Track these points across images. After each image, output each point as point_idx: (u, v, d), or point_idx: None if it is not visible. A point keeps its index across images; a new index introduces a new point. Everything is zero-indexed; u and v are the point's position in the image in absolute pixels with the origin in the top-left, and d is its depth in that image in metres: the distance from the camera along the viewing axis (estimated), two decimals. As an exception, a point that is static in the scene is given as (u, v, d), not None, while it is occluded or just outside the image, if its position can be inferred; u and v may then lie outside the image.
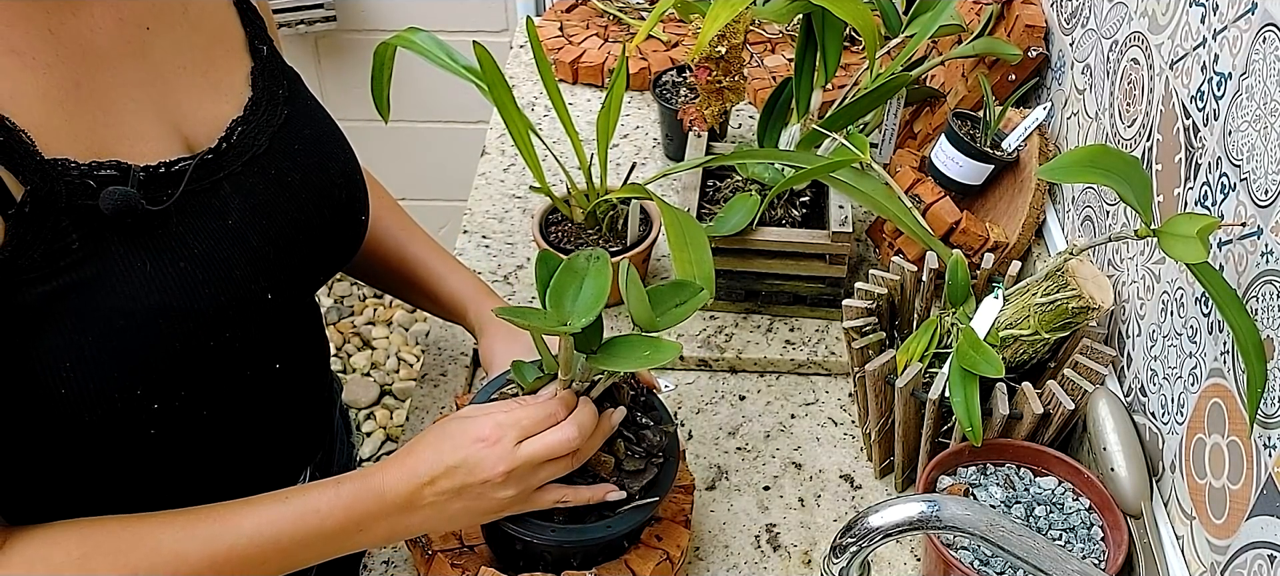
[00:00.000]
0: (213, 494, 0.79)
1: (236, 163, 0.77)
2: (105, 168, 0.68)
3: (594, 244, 1.16)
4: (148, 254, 0.69)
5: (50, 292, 0.65)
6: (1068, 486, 0.92)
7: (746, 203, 1.17)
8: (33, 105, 0.65)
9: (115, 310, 0.67)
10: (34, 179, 0.64)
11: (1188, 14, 0.87)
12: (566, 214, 1.19)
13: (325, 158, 0.86)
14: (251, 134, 0.79)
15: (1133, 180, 0.82)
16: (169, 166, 0.72)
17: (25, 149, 0.64)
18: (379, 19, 2.31)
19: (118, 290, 0.68)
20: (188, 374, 0.73)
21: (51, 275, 0.65)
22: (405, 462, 0.78)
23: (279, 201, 0.80)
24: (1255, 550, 0.71)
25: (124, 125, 0.71)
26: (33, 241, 0.64)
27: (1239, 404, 0.75)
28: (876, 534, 0.68)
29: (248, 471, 0.88)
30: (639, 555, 0.91)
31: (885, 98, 1.22)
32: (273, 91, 0.82)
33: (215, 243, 0.74)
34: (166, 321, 0.70)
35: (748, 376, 1.19)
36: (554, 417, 0.79)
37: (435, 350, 1.19)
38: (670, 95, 1.45)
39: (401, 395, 2.53)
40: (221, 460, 0.84)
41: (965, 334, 0.94)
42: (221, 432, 0.82)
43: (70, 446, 0.73)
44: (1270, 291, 0.73)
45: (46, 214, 0.65)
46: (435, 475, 0.77)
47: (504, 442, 0.77)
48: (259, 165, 0.79)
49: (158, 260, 0.70)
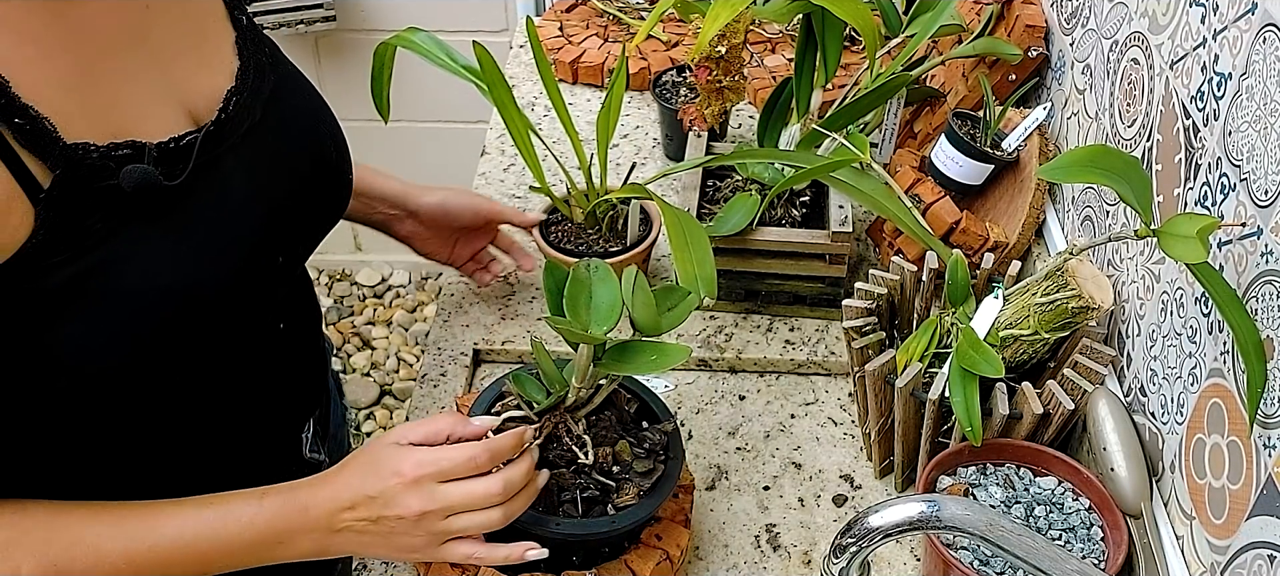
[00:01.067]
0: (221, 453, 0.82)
1: (236, 133, 0.78)
2: (122, 148, 0.69)
3: (594, 243, 1.18)
4: (165, 230, 0.71)
5: (75, 274, 0.67)
6: (1068, 486, 0.92)
7: (746, 203, 1.17)
8: (52, 92, 0.67)
9: (138, 287, 0.70)
10: (61, 164, 0.66)
11: (1188, 14, 0.87)
12: (566, 214, 1.19)
13: (314, 122, 0.88)
14: (246, 103, 0.80)
15: (1133, 180, 0.82)
16: (178, 141, 0.73)
17: (50, 136, 0.66)
18: (379, 19, 2.31)
19: (139, 268, 0.70)
20: (206, 342, 0.75)
21: (76, 257, 0.67)
22: (331, 483, 0.78)
23: (278, 167, 0.82)
24: (1255, 550, 0.71)
25: (134, 105, 0.72)
26: (61, 225, 0.66)
27: (1239, 404, 0.75)
28: (876, 534, 0.68)
29: (255, 429, 0.89)
30: (639, 555, 0.91)
31: (885, 98, 1.22)
32: (258, 60, 0.83)
33: (226, 213, 0.76)
34: (187, 294, 0.72)
35: (748, 376, 1.19)
36: (475, 464, 0.78)
37: (435, 350, 1.19)
38: (670, 95, 1.45)
39: (401, 395, 2.52)
40: (230, 420, 0.86)
41: (965, 334, 0.93)
42: (231, 393, 0.84)
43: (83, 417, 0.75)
44: (1270, 291, 0.73)
45: (72, 198, 0.66)
46: (355, 501, 0.77)
47: (422, 483, 0.76)
48: (257, 134, 0.80)
49: (175, 236, 0.72)
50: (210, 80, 0.79)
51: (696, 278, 0.89)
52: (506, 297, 1.26)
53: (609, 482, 0.89)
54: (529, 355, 1.18)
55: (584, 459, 0.88)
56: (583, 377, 0.85)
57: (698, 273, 0.89)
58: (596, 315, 0.83)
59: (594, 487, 0.88)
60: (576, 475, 0.89)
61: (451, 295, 1.27)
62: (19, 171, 0.64)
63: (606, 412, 0.92)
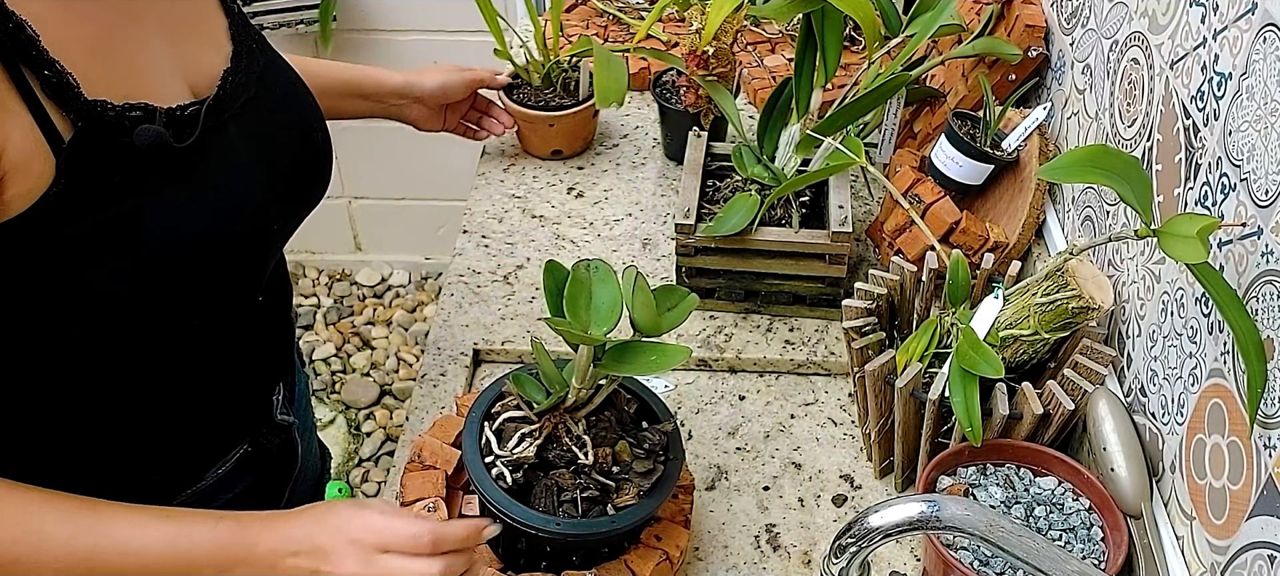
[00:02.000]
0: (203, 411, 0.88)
1: (236, 105, 0.84)
2: (135, 109, 0.74)
3: (551, 101, 1.44)
4: (181, 187, 0.76)
5: (101, 222, 0.72)
6: (1068, 486, 0.92)
7: (746, 202, 1.17)
8: (77, 52, 0.71)
9: (160, 237, 0.75)
10: (82, 118, 0.70)
11: (1188, 14, 0.87)
12: (526, 78, 1.47)
13: (301, 101, 0.94)
14: (242, 82, 0.85)
15: (1133, 180, 0.82)
16: (184, 109, 0.78)
17: (72, 90, 0.70)
18: (379, 19, 2.30)
19: (161, 221, 0.75)
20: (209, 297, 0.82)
21: (98, 208, 0.71)
22: (284, 524, 0.80)
23: (276, 138, 0.88)
24: (1255, 550, 0.71)
25: (147, 73, 0.77)
26: (82, 175, 0.70)
27: (1239, 404, 0.75)
28: (876, 534, 0.68)
29: (233, 389, 0.94)
30: (639, 555, 0.91)
31: (885, 98, 1.22)
32: (249, 44, 0.88)
33: (234, 176, 0.82)
34: (205, 245, 0.78)
35: (747, 376, 1.19)
36: (417, 543, 0.78)
37: (435, 350, 1.19)
38: (670, 95, 1.45)
39: (401, 395, 2.52)
40: (210, 379, 0.90)
41: (965, 334, 0.93)
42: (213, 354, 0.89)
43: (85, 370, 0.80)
44: (1270, 291, 0.73)
45: (92, 150, 0.71)
46: (300, 548, 0.78)
47: (361, 545, 0.78)
48: (254, 107, 0.86)
49: (190, 193, 0.77)
50: (209, 59, 0.84)
51: (609, 89, 1.18)
52: (506, 298, 1.26)
53: (609, 483, 0.89)
54: (529, 355, 1.18)
55: (584, 459, 0.88)
56: (583, 378, 0.85)
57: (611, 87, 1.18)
58: (596, 315, 0.83)
59: (594, 488, 0.88)
60: (576, 475, 0.89)
61: (452, 295, 1.27)
62: (44, 122, 0.69)
63: (606, 413, 0.92)
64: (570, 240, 1.36)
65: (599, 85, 1.19)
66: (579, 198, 1.43)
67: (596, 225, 1.38)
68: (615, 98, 1.19)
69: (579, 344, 0.83)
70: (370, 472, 2.33)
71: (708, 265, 1.20)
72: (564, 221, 1.39)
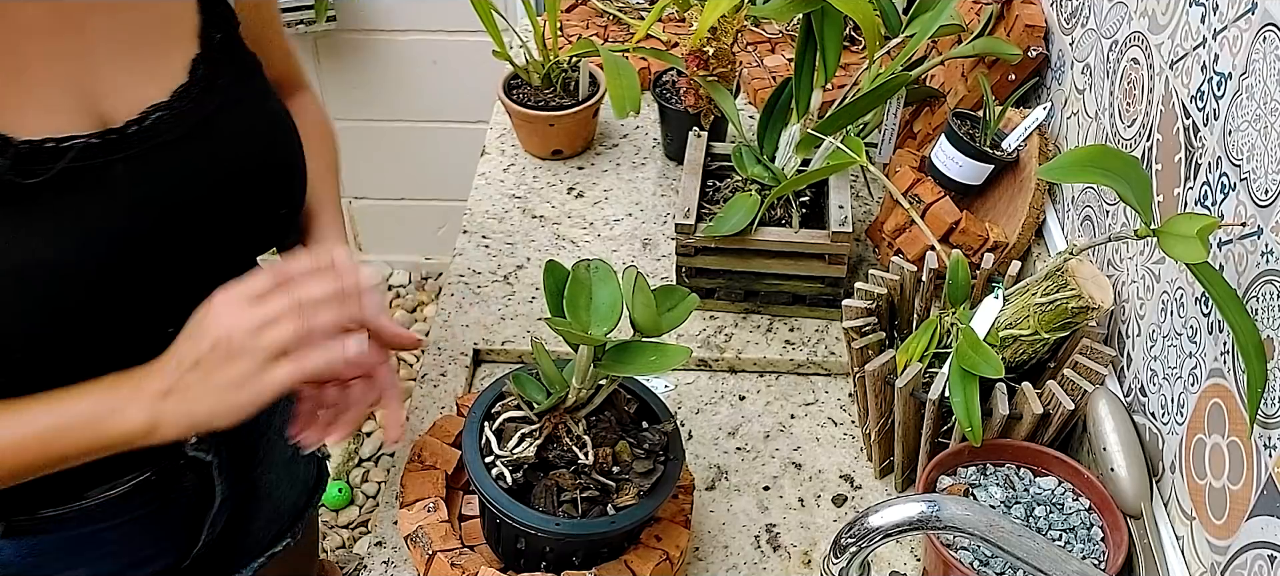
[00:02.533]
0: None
1: (140, 146, 0.78)
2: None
3: (550, 101, 1.44)
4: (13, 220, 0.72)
5: None
6: (1068, 486, 0.92)
7: (746, 202, 1.17)
8: None
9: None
10: None
11: (1188, 14, 0.87)
12: (526, 78, 1.47)
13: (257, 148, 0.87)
14: (169, 121, 0.79)
15: (1133, 180, 0.82)
16: (58, 143, 0.73)
17: None
18: (379, 19, 2.30)
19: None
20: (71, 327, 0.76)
21: None
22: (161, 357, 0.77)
23: (184, 185, 0.81)
24: (1255, 550, 0.71)
25: (32, 95, 0.73)
26: None
27: (1239, 404, 0.75)
28: (876, 534, 0.68)
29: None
30: (639, 555, 0.91)
31: (885, 98, 1.22)
32: (211, 79, 0.82)
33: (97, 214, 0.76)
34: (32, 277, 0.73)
35: (747, 376, 1.19)
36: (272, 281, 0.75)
37: (435, 350, 1.19)
38: (670, 95, 1.45)
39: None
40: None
41: (965, 334, 0.93)
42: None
43: None
44: (1270, 291, 0.73)
45: None
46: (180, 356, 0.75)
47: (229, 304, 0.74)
48: (166, 151, 0.80)
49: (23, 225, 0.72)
50: (138, 89, 0.79)
51: (624, 98, 1.19)
52: (506, 298, 1.26)
53: (609, 483, 0.89)
54: (529, 355, 1.18)
55: (584, 459, 0.88)
56: (583, 378, 0.85)
57: (625, 95, 1.20)
58: (596, 316, 0.84)
59: (594, 488, 0.88)
60: (576, 475, 0.89)
61: (452, 295, 1.27)
62: None
63: (606, 413, 0.92)
64: (570, 240, 1.36)
65: (613, 95, 1.19)
66: (579, 198, 1.43)
67: (596, 225, 1.38)
68: (631, 107, 1.19)
69: (579, 344, 0.83)
70: (370, 472, 2.33)
71: (708, 265, 1.20)
72: (564, 221, 1.39)
